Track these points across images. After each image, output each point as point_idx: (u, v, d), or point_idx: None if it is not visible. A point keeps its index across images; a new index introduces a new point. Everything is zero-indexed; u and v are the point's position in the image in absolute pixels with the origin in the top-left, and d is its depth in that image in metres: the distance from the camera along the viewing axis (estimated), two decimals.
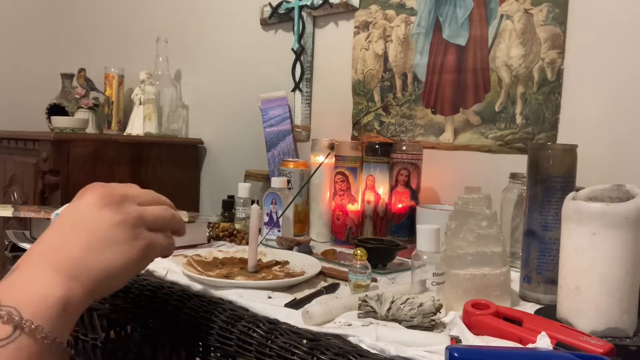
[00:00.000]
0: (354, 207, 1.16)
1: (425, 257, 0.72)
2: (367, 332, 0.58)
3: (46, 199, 1.53)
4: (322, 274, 0.86)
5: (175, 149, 1.75)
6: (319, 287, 0.78)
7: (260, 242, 1.06)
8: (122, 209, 0.53)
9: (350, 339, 0.58)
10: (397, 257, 0.96)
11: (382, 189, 1.14)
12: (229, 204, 1.26)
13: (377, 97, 1.32)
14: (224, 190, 1.54)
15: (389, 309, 0.65)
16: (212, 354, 0.66)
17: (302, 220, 1.26)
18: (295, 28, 1.45)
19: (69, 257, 0.48)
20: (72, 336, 0.93)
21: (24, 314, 0.43)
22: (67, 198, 1.49)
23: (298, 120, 1.48)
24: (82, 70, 2.02)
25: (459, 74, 1.17)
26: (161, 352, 0.75)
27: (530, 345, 0.55)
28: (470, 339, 0.59)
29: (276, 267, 0.89)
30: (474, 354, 0.50)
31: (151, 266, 0.83)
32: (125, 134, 1.85)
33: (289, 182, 1.20)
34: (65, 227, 0.51)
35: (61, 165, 1.50)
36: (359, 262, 0.76)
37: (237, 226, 1.18)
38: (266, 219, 1.15)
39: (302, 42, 1.45)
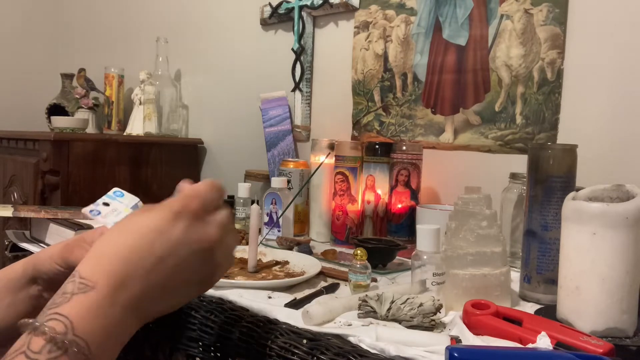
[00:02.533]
0: (354, 207, 1.16)
1: (425, 257, 0.72)
2: (367, 332, 0.58)
3: (46, 199, 1.53)
4: (322, 274, 0.86)
5: (175, 149, 1.75)
6: (319, 287, 0.78)
7: (260, 242, 1.06)
8: (212, 258, 0.49)
9: (350, 339, 0.58)
10: (397, 257, 0.96)
11: (382, 189, 1.14)
12: (229, 204, 1.26)
13: (377, 97, 1.32)
14: None
15: (389, 309, 0.65)
16: (212, 354, 0.66)
17: (302, 220, 1.26)
18: (295, 28, 1.45)
19: (147, 301, 0.45)
20: None
21: (93, 354, 0.40)
22: (67, 198, 1.49)
23: (298, 120, 1.48)
24: (82, 70, 2.02)
25: (459, 74, 1.17)
26: (161, 352, 0.75)
27: (530, 345, 0.55)
28: (470, 339, 0.59)
29: (276, 267, 0.89)
30: (474, 354, 0.50)
31: None
32: (125, 134, 1.85)
33: (289, 182, 1.20)
34: (151, 257, 0.45)
35: (61, 165, 1.50)
36: (359, 262, 0.76)
37: (237, 226, 1.18)
38: (266, 219, 1.15)
39: (302, 42, 1.45)
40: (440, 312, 0.65)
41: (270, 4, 1.53)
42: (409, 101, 1.26)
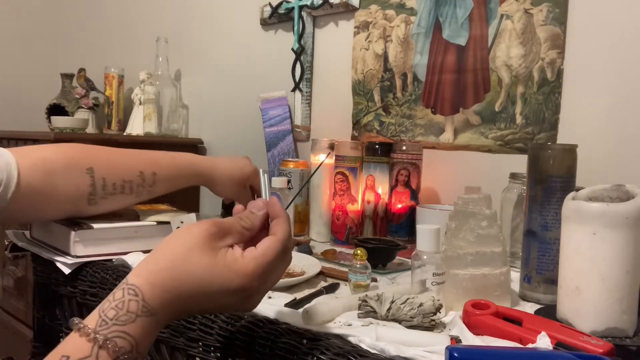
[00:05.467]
0: (354, 207, 1.16)
1: (425, 257, 0.72)
2: (367, 332, 0.58)
3: None
4: (322, 274, 0.86)
5: (175, 149, 1.74)
6: (319, 287, 0.78)
7: None
8: (258, 297, 0.53)
9: (350, 339, 0.58)
10: (397, 257, 0.96)
11: (382, 189, 1.14)
12: (229, 204, 1.26)
13: (377, 97, 1.32)
14: None
15: (389, 309, 0.65)
16: (212, 354, 0.66)
17: (302, 220, 1.26)
18: (295, 28, 1.45)
19: (188, 313, 0.53)
20: None
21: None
22: None
23: (298, 120, 1.48)
24: (82, 70, 2.02)
25: (459, 74, 1.17)
26: (161, 352, 0.75)
27: (530, 345, 0.55)
28: (470, 339, 0.59)
29: None
30: (474, 354, 0.50)
31: None
32: (125, 134, 1.85)
33: (289, 182, 1.20)
34: (209, 305, 0.51)
35: None
36: (359, 262, 0.76)
37: None
38: None
39: (302, 42, 1.45)
40: (440, 312, 0.65)
41: (270, 4, 1.53)
42: (409, 101, 1.26)
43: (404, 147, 1.11)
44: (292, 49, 1.46)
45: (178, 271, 0.48)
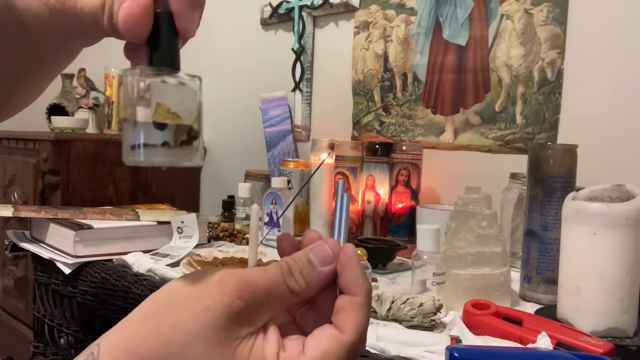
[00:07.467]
0: (354, 207, 1.16)
1: (425, 257, 0.72)
2: (367, 332, 0.58)
3: (46, 199, 1.53)
4: None
5: None
6: None
7: (261, 242, 1.06)
8: None
9: None
10: (397, 257, 0.96)
11: (382, 189, 1.14)
12: (229, 204, 1.26)
13: (377, 97, 1.32)
14: (224, 190, 1.54)
15: (389, 309, 0.65)
16: None
17: (302, 220, 1.26)
18: (295, 28, 1.45)
19: None
20: (72, 336, 0.93)
21: None
22: (67, 198, 1.49)
23: (298, 120, 1.48)
24: (82, 70, 2.02)
25: (459, 74, 1.17)
26: None
27: (530, 345, 0.55)
28: (470, 339, 0.59)
29: None
30: (474, 354, 0.50)
31: (151, 266, 0.83)
32: None
33: (289, 182, 1.20)
34: None
35: (61, 165, 1.50)
36: None
37: (237, 226, 1.18)
38: (266, 219, 1.15)
39: (302, 42, 1.45)
40: (440, 312, 0.65)
41: (270, 4, 1.53)
42: (409, 101, 1.26)
43: (404, 147, 1.11)
44: (292, 49, 1.46)
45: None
